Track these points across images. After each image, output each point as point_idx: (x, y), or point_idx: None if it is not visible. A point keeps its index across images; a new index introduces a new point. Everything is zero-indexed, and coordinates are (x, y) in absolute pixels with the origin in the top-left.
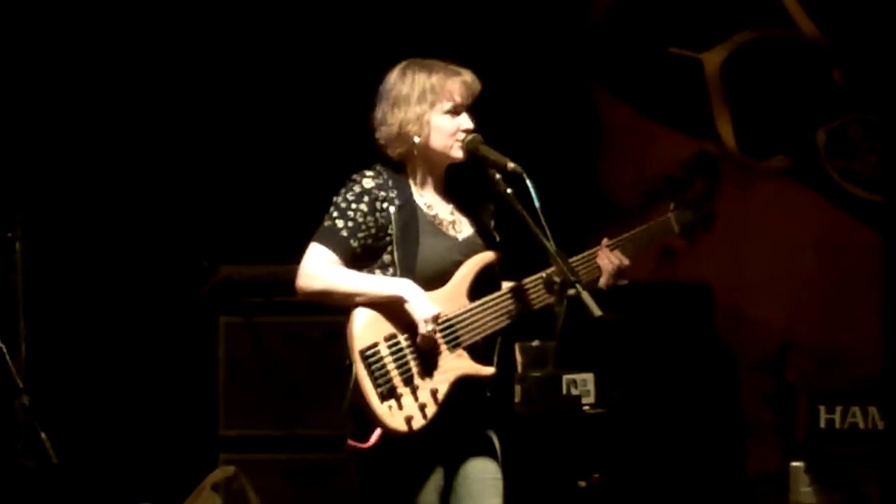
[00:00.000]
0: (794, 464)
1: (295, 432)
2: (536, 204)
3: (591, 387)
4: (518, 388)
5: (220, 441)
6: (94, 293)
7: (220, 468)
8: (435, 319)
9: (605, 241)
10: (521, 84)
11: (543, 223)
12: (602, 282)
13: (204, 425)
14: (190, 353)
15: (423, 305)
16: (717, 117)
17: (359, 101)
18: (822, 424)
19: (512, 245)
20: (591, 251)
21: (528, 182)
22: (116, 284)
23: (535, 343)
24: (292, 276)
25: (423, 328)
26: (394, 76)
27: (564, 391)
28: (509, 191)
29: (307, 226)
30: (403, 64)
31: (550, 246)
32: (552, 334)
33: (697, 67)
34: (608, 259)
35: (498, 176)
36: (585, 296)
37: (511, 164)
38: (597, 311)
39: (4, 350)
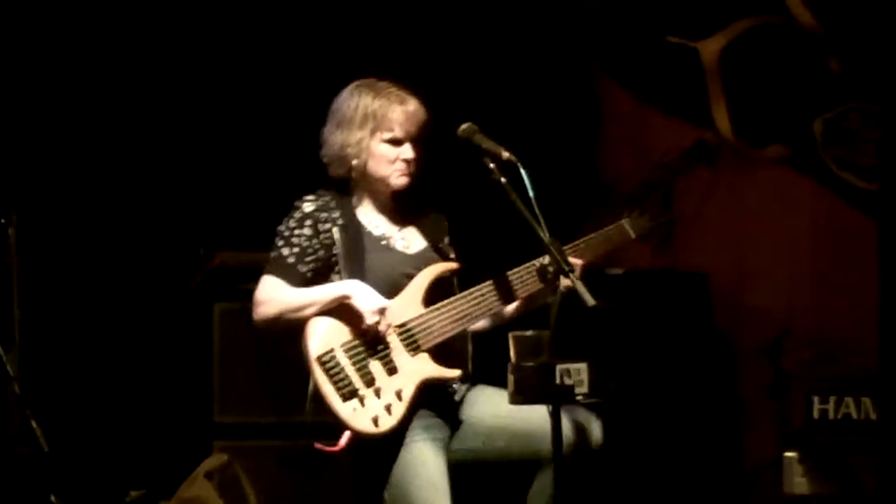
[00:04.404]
0: (788, 454)
1: (290, 419)
2: (531, 193)
3: (584, 376)
4: (511, 378)
5: (214, 428)
6: (89, 280)
7: (214, 455)
8: (380, 311)
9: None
10: (521, 71)
11: (538, 213)
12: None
13: (198, 412)
14: (185, 340)
15: (368, 297)
16: (714, 106)
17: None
18: (816, 415)
19: (472, 257)
20: (543, 257)
21: (523, 171)
22: (112, 271)
23: (529, 333)
24: None
25: (369, 319)
26: (342, 96)
27: (558, 381)
28: (503, 180)
29: None
30: (353, 84)
31: (544, 235)
32: (546, 324)
33: (695, 56)
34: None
35: (493, 165)
36: (579, 285)
37: (506, 154)
38: (590, 301)
39: None
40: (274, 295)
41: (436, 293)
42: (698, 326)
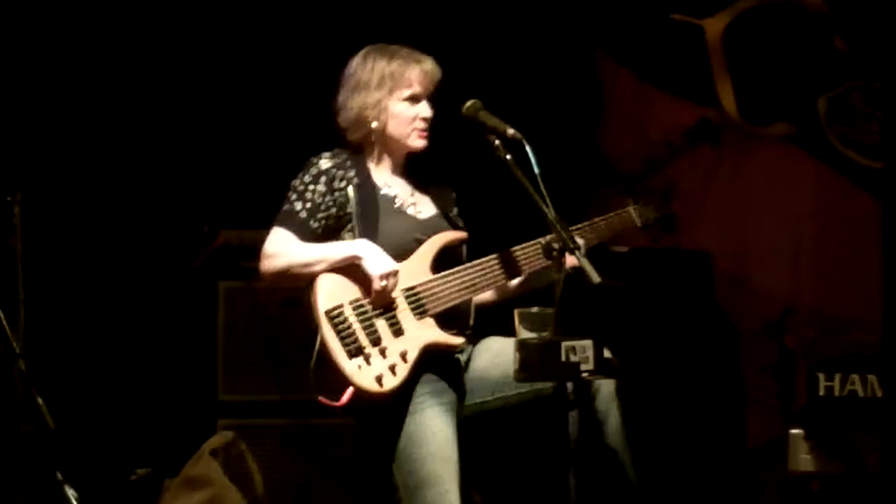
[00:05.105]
0: (793, 431)
1: (294, 398)
2: (536, 170)
3: (590, 353)
4: (516, 355)
5: (219, 406)
6: (93, 258)
7: (219, 434)
8: (390, 275)
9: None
10: (525, 51)
11: (543, 189)
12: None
13: (203, 390)
14: (189, 319)
15: (378, 261)
16: (719, 84)
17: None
18: (821, 392)
19: (478, 228)
20: (551, 235)
21: (528, 148)
22: (116, 250)
23: (535, 309)
24: None
25: (378, 283)
26: (356, 61)
27: (563, 358)
28: (508, 157)
29: None
30: (366, 49)
31: (550, 212)
32: (552, 301)
33: (699, 34)
34: None
35: (497, 142)
36: (585, 262)
37: (511, 131)
38: (596, 278)
39: (1, 316)
40: (283, 249)
41: (443, 261)
42: (701, 305)
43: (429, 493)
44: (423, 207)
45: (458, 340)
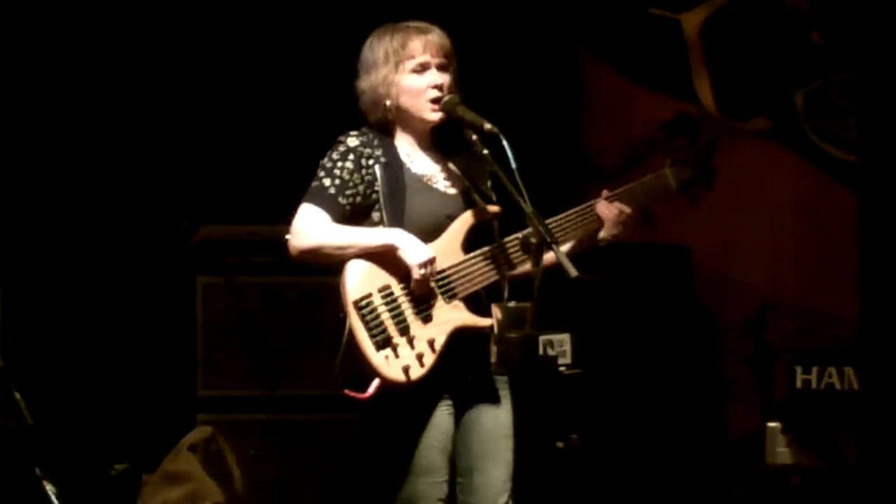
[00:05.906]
0: (771, 424)
1: (273, 393)
2: (513, 164)
3: (567, 347)
4: (494, 349)
5: (197, 401)
6: (71, 253)
7: (198, 429)
8: (428, 263)
9: (605, 192)
10: (505, 45)
11: (520, 184)
12: (604, 233)
13: (182, 386)
14: (168, 314)
15: (416, 250)
16: (696, 79)
17: (342, 62)
18: (799, 385)
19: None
20: (588, 203)
21: (505, 143)
22: (94, 244)
23: (512, 304)
24: (272, 236)
25: (417, 273)
26: (365, 45)
27: (541, 352)
28: (486, 151)
29: (287, 186)
30: (374, 31)
31: (527, 207)
32: (530, 295)
33: (677, 28)
34: (608, 209)
35: (475, 136)
36: (562, 256)
37: (488, 125)
38: (573, 272)
39: None
40: (315, 226)
41: (475, 237)
42: (680, 299)
43: (425, 480)
44: (453, 181)
45: (487, 322)
